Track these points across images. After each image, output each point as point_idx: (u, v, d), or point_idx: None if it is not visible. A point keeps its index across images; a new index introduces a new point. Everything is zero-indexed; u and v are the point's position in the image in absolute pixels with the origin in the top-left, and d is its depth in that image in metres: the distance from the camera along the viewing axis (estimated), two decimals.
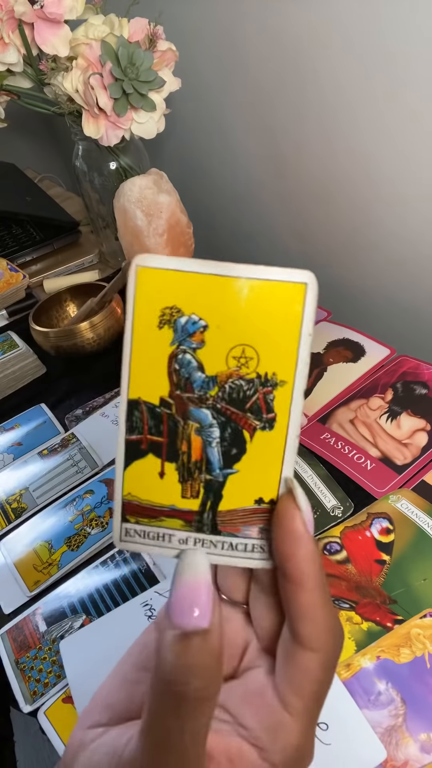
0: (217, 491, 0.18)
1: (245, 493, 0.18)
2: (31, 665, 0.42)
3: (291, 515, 0.17)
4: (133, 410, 0.18)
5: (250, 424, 0.18)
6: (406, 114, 0.57)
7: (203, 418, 0.18)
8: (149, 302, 0.18)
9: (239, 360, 0.18)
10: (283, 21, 0.64)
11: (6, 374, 0.69)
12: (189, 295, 0.17)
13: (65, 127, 0.75)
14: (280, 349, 0.17)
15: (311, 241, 0.81)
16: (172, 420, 0.18)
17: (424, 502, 0.46)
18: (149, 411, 0.18)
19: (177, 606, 0.17)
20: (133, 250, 0.76)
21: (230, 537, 0.19)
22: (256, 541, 0.19)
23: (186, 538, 0.19)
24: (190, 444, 0.18)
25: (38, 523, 0.52)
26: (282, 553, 0.17)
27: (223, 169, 0.90)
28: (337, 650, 0.18)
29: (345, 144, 0.66)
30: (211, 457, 0.18)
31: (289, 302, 0.17)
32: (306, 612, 0.17)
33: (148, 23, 0.64)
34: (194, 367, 0.18)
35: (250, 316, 0.17)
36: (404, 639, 0.38)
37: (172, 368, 0.18)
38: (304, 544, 0.17)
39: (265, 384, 0.18)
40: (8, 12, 0.62)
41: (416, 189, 0.61)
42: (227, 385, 0.18)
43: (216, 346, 0.18)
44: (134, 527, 0.19)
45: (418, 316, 0.70)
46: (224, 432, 0.18)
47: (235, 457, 0.18)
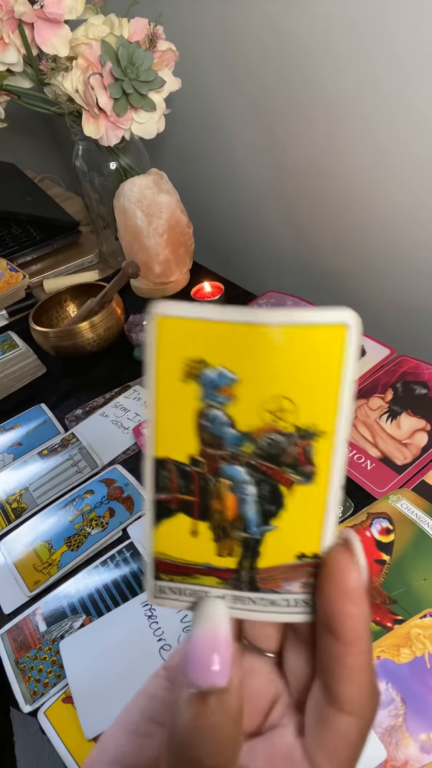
0: (254, 549, 0.17)
1: (285, 549, 0.17)
2: (31, 665, 0.42)
3: (347, 570, 0.16)
4: (160, 469, 0.17)
5: (287, 479, 0.17)
6: (407, 114, 0.57)
7: (236, 475, 0.17)
8: (172, 354, 0.16)
9: (275, 414, 0.16)
10: (283, 20, 0.64)
11: (6, 374, 0.69)
12: (215, 345, 0.16)
13: (65, 127, 0.76)
14: (321, 397, 0.16)
15: (311, 241, 0.81)
16: (203, 478, 0.17)
17: (424, 502, 0.46)
18: (178, 470, 0.17)
19: (193, 662, 0.16)
20: (133, 249, 0.76)
21: (271, 594, 0.18)
22: (298, 595, 0.17)
23: (223, 596, 0.18)
24: (224, 502, 0.17)
25: (38, 523, 0.52)
26: (332, 610, 0.16)
27: (223, 169, 0.90)
28: (375, 714, 0.17)
29: (346, 144, 0.66)
30: (246, 514, 0.17)
31: (328, 346, 0.15)
32: (352, 675, 0.16)
33: (148, 23, 0.64)
34: (224, 422, 0.16)
35: (286, 366, 0.16)
36: (404, 639, 0.38)
37: (199, 425, 0.17)
38: (360, 602, 0.16)
39: (305, 437, 0.16)
40: (8, 12, 0.62)
41: (417, 190, 0.61)
42: (262, 441, 0.16)
43: (248, 400, 0.16)
44: (168, 585, 0.18)
45: (418, 316, 0.70)
46: (260, 488, 0.17)
47: (273, 513, 0.17)
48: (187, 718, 0.15)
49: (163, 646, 0.40)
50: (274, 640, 0.19)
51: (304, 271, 0.86)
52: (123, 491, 0.53)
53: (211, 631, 0.16)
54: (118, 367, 0.71)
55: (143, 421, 0.60)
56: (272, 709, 0.19)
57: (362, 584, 0.16)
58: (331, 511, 0.17)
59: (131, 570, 0.46)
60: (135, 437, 0.59)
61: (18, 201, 1.00)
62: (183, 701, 0.15)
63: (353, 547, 0.16)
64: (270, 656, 0.20)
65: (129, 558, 0.47)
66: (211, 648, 0.16)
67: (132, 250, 0.76)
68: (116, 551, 0.48)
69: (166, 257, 0.76)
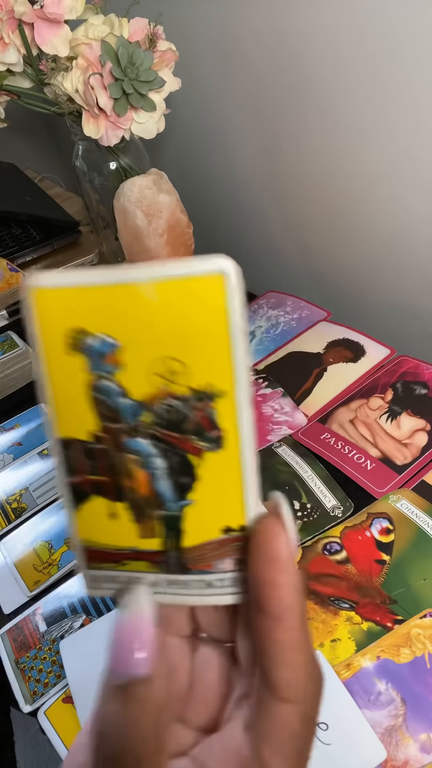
0: (175, 527, 0.16)
1: (209, 523, 0.16)
2: (31, 665, 0.42)
3: (273, 535, 0.15)
4: (65, 450, 0.16)
5: (195, 447, 0.16)
6: (408, 115, 0.57)
7: (141, 448, 0.16)
8: (53, 327, 0.15)
9: (165, 377, 0.15)
10: (285, 20, 0.64)
11: (6, 374, 0.69)
12: (92, 312, 0.15)
13: (65, 127, 0.76)
14: (211, 354, 0.15)
15: (311, 240, 0.81)
16: (109, 456, 0.16)
17: (424, 502, 0.46)
18: (83, 449, 0.16)
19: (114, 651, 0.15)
20: (133, 250, 0.76)
21: (203, 574, 0.17)
22: (232, 574, 0.17)
23: (156, 581, 0.17)
24: (135, 479, 0.16)
25: (38, 523, 0.52)
26: (259, 581, 0.15)
27: (224, 169, 0.90)
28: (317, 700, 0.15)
29: (347, 143, 0.66)
30: (160, 490, 0.16)
31: (208, 298, 0.14)
32: (283, 654, 0.15)
33: (148, 23, 0.64)
34: (117, 393, 0.15)
35: (167, 324, 0.14)
36: (404, 639, 0.38)
37: (93, 398, 0.15)
38: (287, 570, 0.15)
39: (202, 398, 0.15)
40: (8, 12, 0.62)
41: (417, 190, 0.61)
42: (159, 408, 0.15)
43: (136, 366, 0.15)
44: (101, 573, 0.17)
45: (418, 316, 0.70)
46: (169, 460, 0.16)
47: (187, 486, 0.16)
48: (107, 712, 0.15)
49: None
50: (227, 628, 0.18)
51: (304, 271, 0.86)
52: None
53: (130, 617, 0.15)
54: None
55: None
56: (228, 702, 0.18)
57: (291, 551, 0.15)
58: (249, 479, 0.16)
59: None
60: None
61: (18, 201, 1.00)
62: (104, 696, 0.15)
63: (281, 512, 0.15)
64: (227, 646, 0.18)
65: None
66: (131, 635, 0.15)
67: (132, 250, 0.76)
68: None
69: (167, 257, 0.76)
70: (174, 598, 0.17)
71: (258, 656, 0.15)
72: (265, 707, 0.15)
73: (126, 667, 0.15)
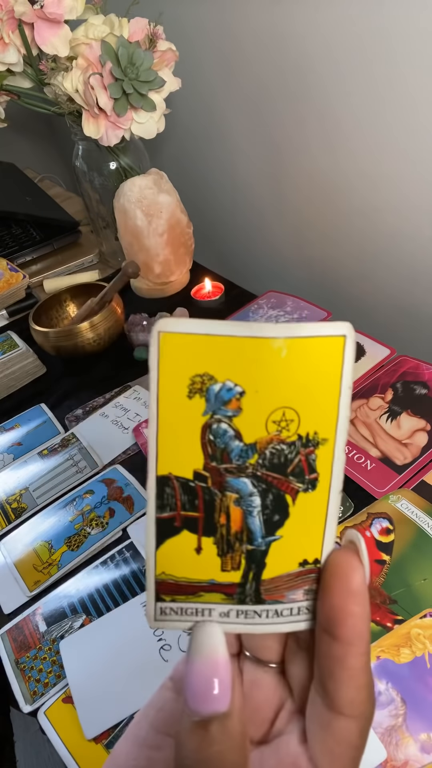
0: (260, 561, 0.17)
1: (289, 557, 0.17)
2: (31, 665, 0.42)
3: (352, 569, 0.16)
4: (163, 487, 0.17)
5: (292, 488, 0.17)
6: (407, 115, 0.57)
7: (242, 487, 0.17)
8: (176, 371, 0.16)
9: (279, 424, 0.17)
10: (284, 21, 0.64)
11: (6, 374, 0.69)
12: (221, 360, 0.16)
13: (65, 127, 0.76)
14: (321, 406, 0.16)
15: (311, 240, 0.81)
16: (208, 493, 0.17)
17: (424, 502, 0.46)
18: (182, 486, 0.17)
19: (192, 689, 0.15)
20: (133, 250, 0.76)
21: (275, 604, 0.18)
22: (302, 603, 0.18)
23: (228, 611, 0.18)
24: (229, 516, 0.17)
25: (38, 523, 0.52)
26: (336, 610, 0.16)
27: (223, 169, 0.90)
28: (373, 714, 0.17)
29: (345, 143, 0.66)
30: (252, 526, 0.17)
31: (328, 357, 0.16)
32: (352, 677, 0.16)
33: (148, 23, 0.64)
34: (231, 436, 0.17)
35: (290, 377, 0.16)
36: (404, 639, 0.38)
37: (206, 439, 0.17)
38: (362, 602, 0.16)
39: (307, 445, 0.17)
40: (8, 12, 0.62)
41: (416, 190, 0.61)
42: (268, 451, 0.17)
43: (254, 412, 0.16)
44: (170, 606, 0.18)
45: (418, 316, 0.70)
46: (265, 499, 0.17)
47: (278, 523, 0.17)
48: (191, 748, 0.15)
49: (163, 646, 0.40)
50: (275, 651, 0.19)
51: (304, 271, 0.86)
52: (123, 491, 0.53)
53: (208, 656, 0.16)
54: (118, 367, 0.71)
55: (143, 421, 0.60)
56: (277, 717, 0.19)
57: (366, 584, 0.16)
58: (332, 516, 0.17)
59: (131, 570, 0.46)
60: (135, 437, 0.59)
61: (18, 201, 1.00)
62: (185, 731, 0.15)
63: (359, 548, 0.16)
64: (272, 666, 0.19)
65: (129, 558, 0.47)
66: (210, 674, 0.16)
67: (132, 250, 0.76)
68: (116, 551, 0.48)
69: (166, 257, 0.76)
70: (242, 627, 0.18)
71: (322, 677, 0.16)
72: (328, 722, 0.16)
73: (206, 705, 0.15)
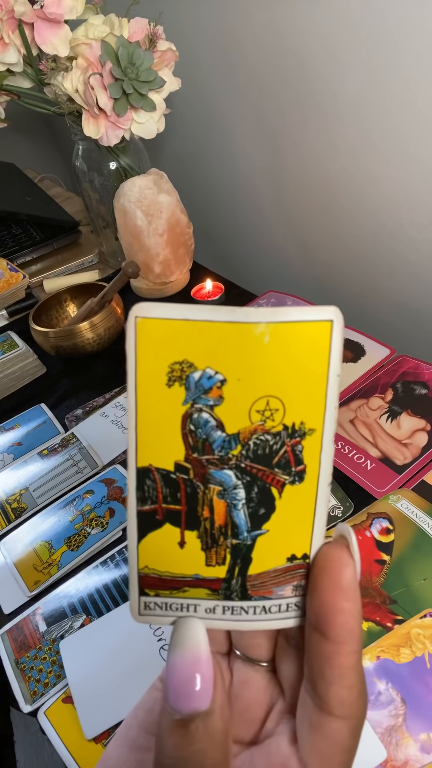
0: (245, 555, 0.17)
1: (276, 552, 0.17)
2: (31, 665, 0.42)
3: (342, 563, 0.15)
4: (143, 479, 0.16)
5: (278, 480, 0.16)
6: (407, 115, 0.57)
7: (226, 480, 0.16)
8: (154, 358, 0.15)
9: (263, 413, 0.16)
10: (284, 20, 0.64)
11: (6, 374, 0.69)
12: (201, 346, 0.15)
13: (65, 127, 0.76)
14: (307, 394, 0.16)
15: (311, 240, 0.81)
16: (190, 485, 0.16)
17: (424, 502, 0.46)
18: (163, 478, 0.16)
19: (173, 686, 0.15)
20: (133, 250, 0.76)
21: (263, 600, 0.17)
22: (290, 599, 0.17)
23: (213, 607, 0.17)
24: (213, 509, 0.17)
25: (38, 523, 0.52)
26: (325, 607, 0.15)
27: (223, 169, 0.90)
28: (365, 715, 0.16)
29: (346, 143, 0.66)
30: (237, 520, 0.17)
31: (314, 343, 0.15)
32: (342, 676, 0.15)
33: (148, 23, 0.64)
34: (212, 426, 0.16)
35: (274, 364, 0.15)
36: (404, 639, 0.38)
37: (186, 429, 0.16)
38: (352, 597, 0.15)
39: (293, 435, 0.16)
40: (8, 12, 0.62)
41: (417, 190, 0.61)
42: (251, 442, 0.16)
43: (237, 401, 0.16)
44: (154, 600, 0.17)
45: (418, 316, 0.70)
46: (250, 492, 0.16)
47: (264, 516, 0.17)
48: (170, 747, 0.15)
49: (163, 646, 0.40)
50: (265, 648, 0.19)
51: (304, 270, 0.86)
52: (123, 491, 0.53)
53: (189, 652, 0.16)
54: (118, 367, 0.71)
55: None
56: (268, 717, 0.18)
57: (357, 579, 0.15)
58: (320, 510, 0.17)
59: None
60: None
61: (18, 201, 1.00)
62: (165, 729, 0.15)
63: (350, 542, 0.16)
64: (263, 665, 0.19)
65: None
66: (190, 670, 0.15)
67: (132, 250, 0.76)
68: (116, 551, 0.48)
69: (166, 257, 0.76)
70: (229, 623, 0.17)
71: (312, 676, 0.16)
72: (318, 722, 0.15)
73: (187, 703, 0.15)
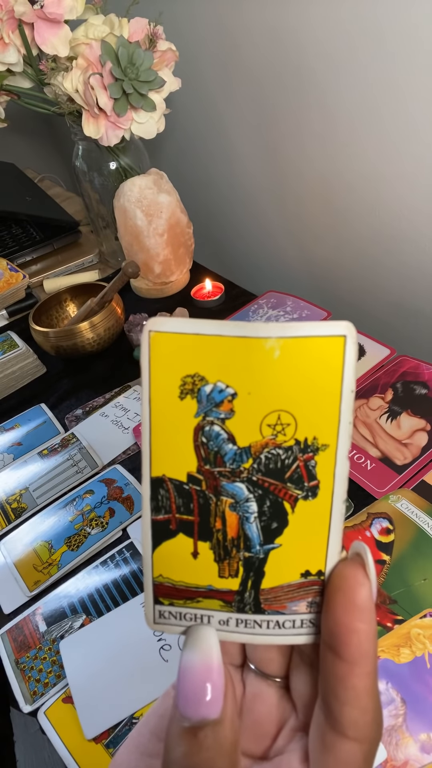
0: (258, 569, 0.17)
1: (290, 567, 0.17)
2: (31, 665, 0.42)
3: (357, 583, 0.15)
4: (157, 488, 0.17)
5: (290, 495, 0.16)
6: (406, 115, 0.57)
7: (238, 492, 0.16)
8: (167, 371, 0.16)
9: (275, 428, 0.16)
10: (284, 21, 0.64)
11: (6, 374, 0.69)
12: (213, 360, 0.15)
13: (65, 127, 0.76)
14: (320, 410, 0.16)
15: (310, 240, 0.81)
16: (203, 496, 0.17)
17: (424, 502, 0.46)
18: (176, 488, 0.17)
19: (183, 693, 0.15)
20: (133, 250, 0.76)
21: (276, 615, 0.17)
22: (304, 616, 0.17)
23: (227, 619, 0.17)
24: (225, 521, 0.17)
25: (38, 523, 0.52)
26: (339, 627, 0.15)
27: (223, 169, 0.90)
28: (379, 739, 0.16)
29: (345, 144, 0.66)
30: (249, 533, 0.17)
31: (327, 358, 0.15)
32: (356, 698, 0.15)
33: (148, 23, 0.64)
34: (224, 439, 0.16)
35: (284, 379, 0.15)
36: (404, 639, 0.38)
37: (198, 441, 0.16)
38: (367, 618, 0.15)
39: (305, 450, 0.16)
40: (8, 12, 0.62)
41: (417, 190, 0.61)
42: (263, 456, 0.16)
43: (247, 415, 0.16)
44: (168, 609, 0.17)
45: (418, 316, 0.70)
46: (262, 505, 0.16)
47: (277, 530, 0.17)
48: (179, 754, 0.15)
49: (163, 646, 0.40)
50: (279, 663, 0.19)
51: (304, 270, 0.86)
52: (123, 491, 0.53)
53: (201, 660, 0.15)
54: (118, 367, 0.71)
55: None
56: (279, 732, 0.18)
57: (372, 600, 0.15)
58: (335, 526, 0.17)
59: (131, 570, 0.46)
60: (135, 437, 0.59)
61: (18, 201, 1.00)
62: (174, 736, 0.15)
63: (366, 561, 0.16)
64: (276, 681, 0.19)
65: (129, 558, 0.47)
66: (202, 678, 0.15)
67: (132, 250, 0.76)
68: (116, 551, 0.48)
69: (166, 257, 0.76)
70: (242, 636, 0.17)
71: (326, 695, 0.15)
72: (330, 743, 0.15)
73: (197, 710, 0.15)
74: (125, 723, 0.37)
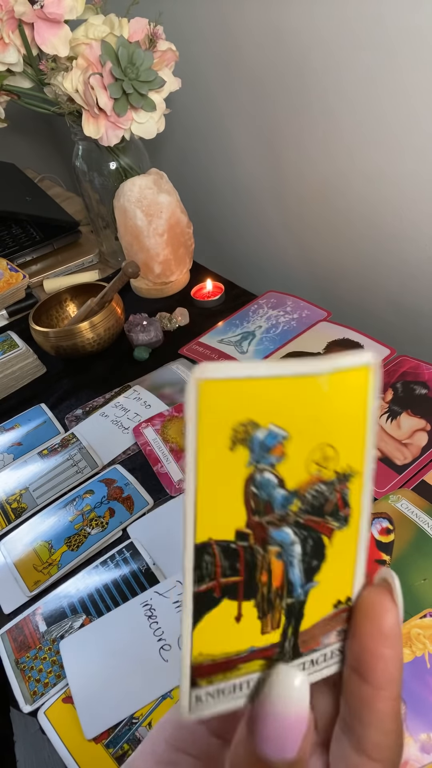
0: (298, 612, 0.16)
1: (325, 601, 0.16)
2: (31, 665, 0.42)
3: (385, 610, 0.15)
4: (202, 556, 0.15)
5: (329, 528, 0.16)
6: (408, 115, 0.57)
7: (285, 538, 0.15)
8: (218, 422, 0.14)
9: (320, 463, 0.15)
10: (284, 21, 0.64)
11: (6, 374, 0.69)
12: (264, 403, 0.14)
13: (65, 127, 0.76)
14: (353, 438, 0.15)
15: (310, 240, 0.81)
16: (250, 552, 0.15)
17: (424, 502, 0.46)
18: (222, 551, 0.15)
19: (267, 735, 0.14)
20: (133, 250, 0.76)
21: (311, 654, 0.16)
22: (334, 646, 0.16)
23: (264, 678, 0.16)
24: (271, 572, 0.15)
25: (38, 523, 0.52)
26: (367, 653, 0.15)
27: (223, 169, 0.90)
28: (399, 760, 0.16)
29: (345, 144, 0.66)
30: (292, 577, 0.15)
31: (360, 387, 0.15)
32: (380, 721, 0.15)
33: (148, 23, 0.64)
34: (274, 485, 0.15)
35: (330, 412, 0.15)
36: (404, 639, 0.38)
37: (249, 493, 0.15)
38: (394, 644, 0.15)
39: (342, 480, 0.15)
40: (8, 12, 0.62)
41: (417, 190, 0.61)
42: (308, 494, 0.15)
43: (297, 455, 0.15)
44: (206, 690, 0.15)
45: (418, 316, 0.70)
46: (305, 546, 0.15)
47: (316, 567, 0.16)
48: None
49: (163, 646, 0.40)
50: None
51: (304, 270, 0.86)
52: (123, 491, 0.53)
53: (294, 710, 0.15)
54: (118, 367, 0.71)
55: (143, 421, 0.60)
56: None
57: (399, 626, 0.15)
58: (362, 551, 0.16)
59: (131, 570, 0.46)
60: (135, 437, 0.59)
61: (18, 201, 1.00)
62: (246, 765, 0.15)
63: (393, 587, 0.15)
64: None
65: (129, 558, 0.47)
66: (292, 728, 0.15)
67: (132, 250, 0.76)
68: (116, 551, 0.48)
69: (166, 257, 0.76)
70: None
71: (349, 716, 0.16)
72: (354, 764, 0.15)
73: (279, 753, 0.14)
74: (125, 723, 0.37)
